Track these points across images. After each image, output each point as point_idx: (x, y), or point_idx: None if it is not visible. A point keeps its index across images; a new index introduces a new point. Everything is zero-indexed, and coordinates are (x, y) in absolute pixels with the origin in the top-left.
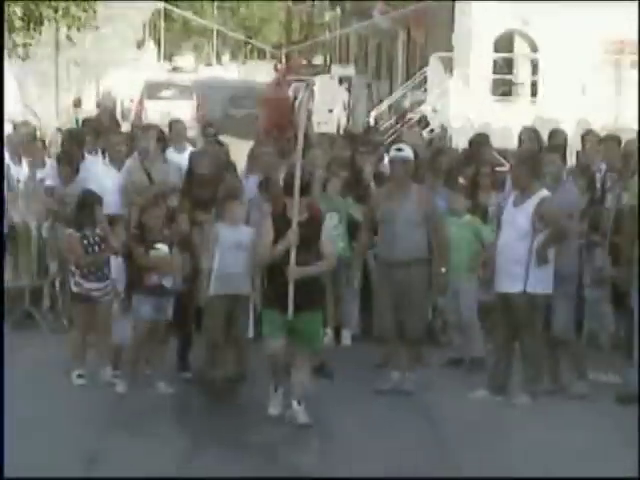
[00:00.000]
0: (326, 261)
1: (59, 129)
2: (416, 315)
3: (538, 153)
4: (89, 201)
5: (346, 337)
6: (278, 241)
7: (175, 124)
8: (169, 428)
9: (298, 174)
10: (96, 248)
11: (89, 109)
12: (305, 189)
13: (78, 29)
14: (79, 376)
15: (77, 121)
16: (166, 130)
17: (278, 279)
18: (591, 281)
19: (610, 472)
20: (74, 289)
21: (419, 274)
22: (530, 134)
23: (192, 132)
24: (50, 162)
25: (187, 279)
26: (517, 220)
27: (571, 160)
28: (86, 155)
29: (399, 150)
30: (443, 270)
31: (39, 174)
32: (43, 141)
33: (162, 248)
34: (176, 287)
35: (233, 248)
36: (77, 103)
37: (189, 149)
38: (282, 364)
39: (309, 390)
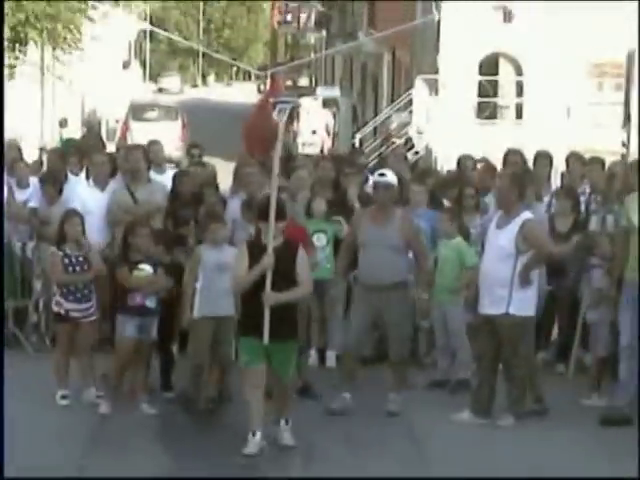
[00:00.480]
0: (302, 288)
1: (42, 149)
2: (398, 337)
3: (523, 175)
4: (71, 220)
5: (330, 358)
6: (253, 267)
7: (153, 145)
8: (152, 449)
9: (274, 198)
10: (77, 268)
11: (74, 129)
12: (279, 214)
13: (63, 49)
14: (63, 397)
15: (62, 140)
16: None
17: (253, 306)
18: (591, 303)
19: None
20: (54, 308)
21: (399, 297)
22: (516, 156)
23: (178, 153)
24: (33, 182)
25: (170, 300)
26: (500, 242)
27: (556, 182)
28: (69, 175)
29: (382, 175)
30: (425, 296)
31: (22, 195)
32: (26, 162)
33: (145, 268)
34: (159, 307)
35: (216, 269)
36: (63, 123)
37: (169, 170)
38: (261, 396)
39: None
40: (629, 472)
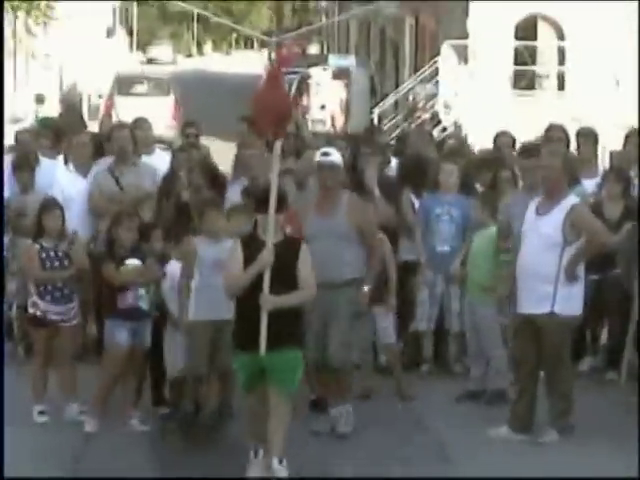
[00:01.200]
0: (304, 291)
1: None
2: (339, 342)
3: (571, 154)
4: (50, 210)
5: None
6: (249, 266)
7: (141, 123)
8: (144, 471)
9: (274, 185)
10: (56, 264)
11: (52, 106)
12: (279, 204)
13: (37, 16)
14: (40, 413)
15: (39, 119)
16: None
17: (249, 312)
18: None
19: None
20: (30, 310)
21: (350, 297)
22: (559, 132)
23: (170, 132)
24: (5, 168)
25: (161, 302)
26: (543, 230)
27: (604, 163)
28: (42, 159)
29: (326, 155)
30: (365, 289)
31: None
32: None
33: (133, 263)
34: (153, 309)
35: (214, 266)
36: (40, 99)
37: (158, 152)
38: (260, 420)
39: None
40: (629, 472)
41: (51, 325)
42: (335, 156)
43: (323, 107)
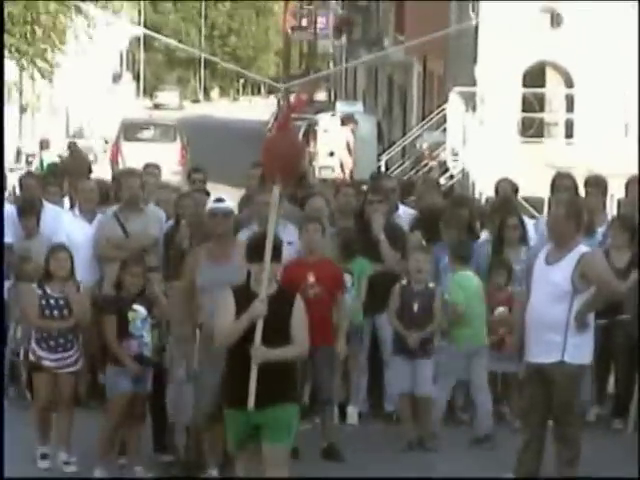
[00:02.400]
0: (295, 347)
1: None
2: None
3: (581, 203)
4: (58, 255)
5: (352, 414)
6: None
7: (152, 168)
8: None
9: (271, 235)
10: (55, 312)
11: (57, 151)
12: (275, 255)
13: (45, 60)
14: (43, 456)
15: (43, 165)
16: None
17: (239, 367)
18: None
19: None
20: (29, 356)
21: None
22: (567, 181)
23: (176, 178)
24: (6, 214)
25: (161, 346)
26: (553, 279)
27: (612, 211)
28: (46, 204)
29: (219, 201)
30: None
31: None
32: None
33: (139, 310)
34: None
35: None
36: (45, 145)
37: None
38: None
39: None
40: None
41: (48, 371)
42: (227, 203)
43: (332, 154)
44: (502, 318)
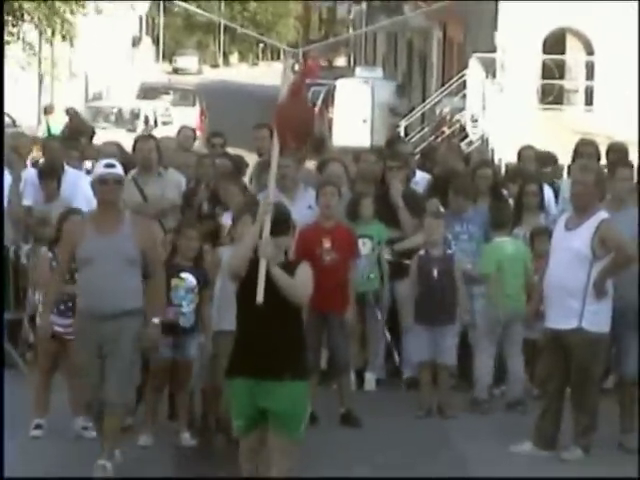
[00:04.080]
0: (297, 288)
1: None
2: (118, 379)
3: (603, 169)
4: (71, 219)
5: (370, 381)
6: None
7: (185, 131)
8: None
9: (269, 203)
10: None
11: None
12: (284, 227)
13: (63, 26)
14: (37, 427)
15: (49, 129)
16: None
17: (245, 326)
18: None
19: None
20: (37, 321)
21: (132, 328)
22: (590, 148)
23: (196, 142)
24: (26, 176)
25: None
26: (572, 245)
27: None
28: (67, 168)
29: (110, 166)
30: (156, 321)
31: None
32: (20, 152)
33: (187, 279)
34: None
35: None
36: (49, 110)
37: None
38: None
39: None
40: (629, 472)
41: (56, 337)
42: (119, 168)
43: (365, 121)
44: None
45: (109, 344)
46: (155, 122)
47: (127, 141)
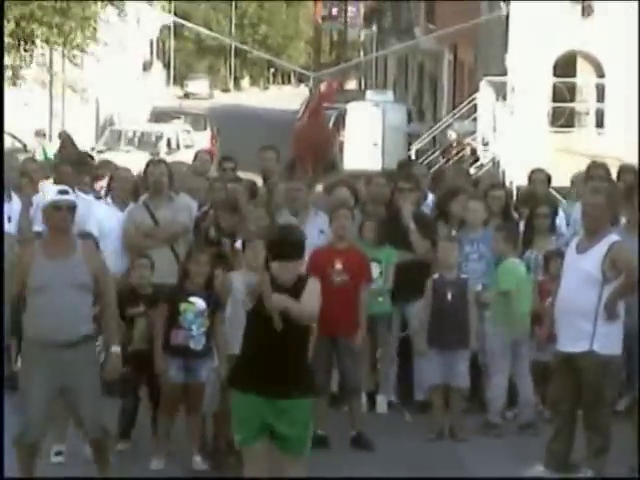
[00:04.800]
0: (301, 306)
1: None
2: (93, 414)
3: (614, 191)
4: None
5: (381, 403)
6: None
7: (202, 155)
8: None
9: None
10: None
11: (89, 141)
12: (297, 251)
13: (75, 48)
14: (57, 454)
15: (45, 153)
16: None
17: (254, 344)
18: None
19: None
20: None
21: (89, 356)
22: (601, 170)
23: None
24: (38, 201)
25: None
26: (583, 267)
27: None
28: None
29: (64, 192)
30: (115, 350)
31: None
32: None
33: (196, 302)
34: (209, 348)
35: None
36: (39, 133)
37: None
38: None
39: None
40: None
41: None
42: (72, 195)
43: (376, 144)
44: None
45: (68, 375)
46: (177, 145)
47: None
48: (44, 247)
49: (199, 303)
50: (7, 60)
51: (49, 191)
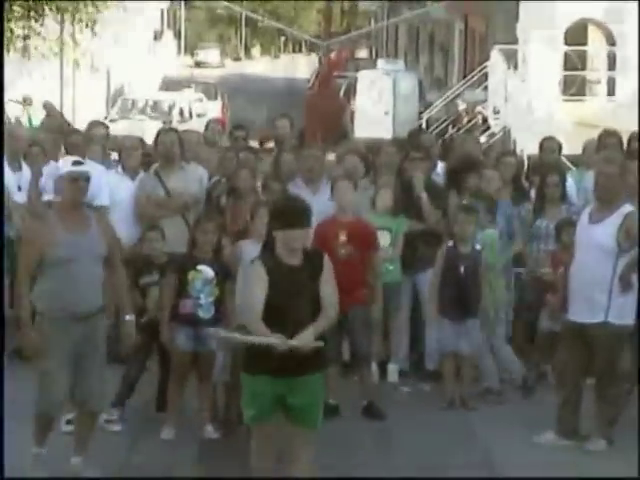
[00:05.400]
0: (325, 316)
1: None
2: (98, 384)
3: (627, 161)
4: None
5: (393, 372)
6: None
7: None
8: None
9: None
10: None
11: (99, 110)
12: (303, 219)
13: (84, 22)
14: (68, 422)
15: (31, 122)
16: None
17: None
18: None
19: None
20: None
21: (103, 325)
22: (613, 138)
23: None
24: (49, 171)
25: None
26: (597, 239)
27: None
28: (89, 162)
29: (78, 163)
30: (128, 317)
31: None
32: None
33: (204, 271)
34: (218, 316)
35: None
36: (28, 101)
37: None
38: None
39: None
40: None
41: None
42: (87, 166)
43: (387, 113)
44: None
45: (83, 344)
46: (190, 114)
47: None
48: (61, 219)
49: (207, 271)
50: (17, 29)
51: (64, 162)
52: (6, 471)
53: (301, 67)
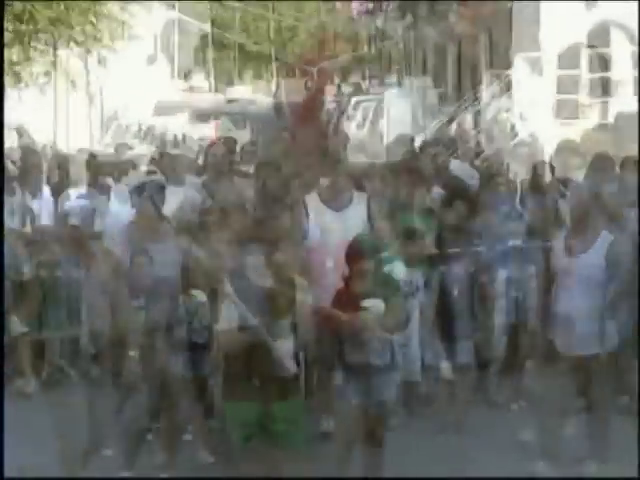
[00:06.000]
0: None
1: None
2: None
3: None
4: None
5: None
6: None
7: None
8: None
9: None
10: None
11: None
12: (273, 242)
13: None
14: None
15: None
16: None
17: (243, 363)
18: None
19: None
20: None
21: None
22: (605, 163)
23: None
24: (74, 193)
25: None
26: (586, 271)
27: None
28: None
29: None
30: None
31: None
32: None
33: (197, 295)
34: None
35: None
36: (20, 132)
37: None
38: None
39: None
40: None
41: None
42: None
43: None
44: None
45: None
46: (183, 138)
47: None
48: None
49: (198, 294)
50: (10, 56)
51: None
52: (6, 471)
53: (294, 92)
